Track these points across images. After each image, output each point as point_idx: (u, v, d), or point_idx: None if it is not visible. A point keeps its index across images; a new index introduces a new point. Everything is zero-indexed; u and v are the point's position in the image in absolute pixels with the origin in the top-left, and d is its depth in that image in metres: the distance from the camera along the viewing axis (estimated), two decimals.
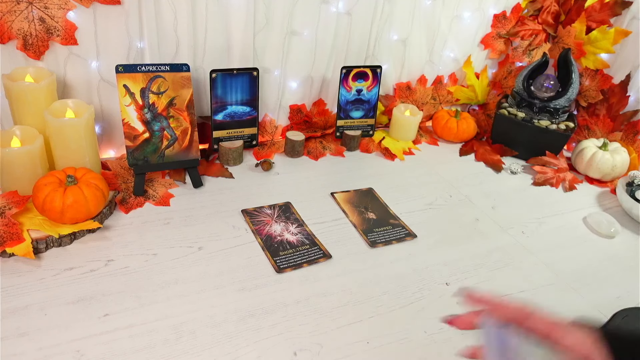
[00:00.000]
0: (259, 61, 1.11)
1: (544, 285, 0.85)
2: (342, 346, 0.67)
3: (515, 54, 1.39)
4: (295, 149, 1.14)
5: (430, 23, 1.28)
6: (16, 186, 0.82)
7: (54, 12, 0.86)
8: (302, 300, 0.74)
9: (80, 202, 0.78)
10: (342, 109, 1.22)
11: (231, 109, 1.08)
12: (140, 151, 0.93)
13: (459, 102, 1.44)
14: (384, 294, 0.78)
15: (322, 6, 1.11)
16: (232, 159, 1.08)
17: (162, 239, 0.83)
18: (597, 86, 1.32)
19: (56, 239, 0.77)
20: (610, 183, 1.21)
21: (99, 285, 0.72)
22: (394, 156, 1.22)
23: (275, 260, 0.81)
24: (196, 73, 1.05)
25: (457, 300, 0.78)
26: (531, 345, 0.43)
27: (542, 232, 1.00)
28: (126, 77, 0.90)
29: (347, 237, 0.90)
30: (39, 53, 0.88)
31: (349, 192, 1.04)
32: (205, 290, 0.74)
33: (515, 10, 1.36)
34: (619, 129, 1.29)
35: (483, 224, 1.00)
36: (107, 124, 1.02)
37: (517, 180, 1.20)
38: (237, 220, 0.91)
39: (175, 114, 0.95)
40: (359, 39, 1.21)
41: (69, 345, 0.62)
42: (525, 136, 1.26)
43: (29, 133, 0.84)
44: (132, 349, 0.63)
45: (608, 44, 1.29)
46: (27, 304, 0.67)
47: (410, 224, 0.96)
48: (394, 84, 1.34)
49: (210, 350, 0.64)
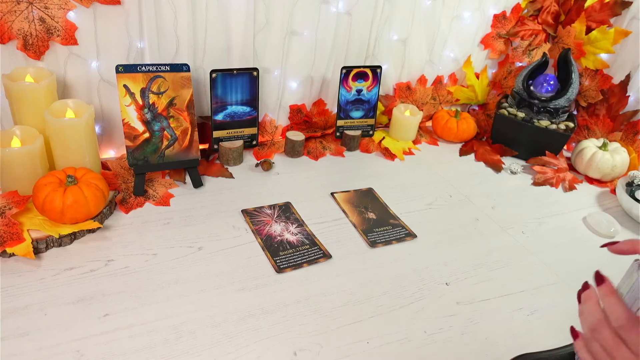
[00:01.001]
0: (259, 61, 1.11)
1: (544, 285, 0.85)
2: (342, 346, 0.67)
3: (515, 54, 1.39)
4: (295, 149, 1.14)
5: (430, 23, 1.28)
6: (16, 186, 0.82)
7: (54, 12, 0.86)
8: (302, 300, 0.74)
9: (80, 202, 0.78)
10: (342, 109, 1.22)
11: (231, 109, 1.08)
12: (140, 151, 0.93)
13: (459, 102, 1.44)
14: (384, 294, 0.78)
15: (322, 6, 1.11)
16: (232, 159, 1.08)
17: (162, 239, 0.83)
18: (597, 86, 1.32)
19: (56, 239, 0.77)
20: (610, 183, 1.21)
21: (99, 285, 0.72)
22: (394, 156, 1.22)
23: (275, 260, 0.81)
24: (196, 73, 1.05)
25: (457, 300, 0.79)
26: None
27: (542, 232, 1.00)
28: (126, 77, 0.90)
29: (347, 237, 0.90)
30: (39, 53, 0.88)
31: (349, 192, 1.04)
32: (205, 290, 0.74)
33: (515, 10, 1.36)
34: (618, 129, 1.29)
35: (483, 224, 1.00)
36: (107, 124, 1.02)
37: (517, 180, 1.20)
38: (237, 220, 0.91)
39: (175, 114, 0.95)
40: (359, 39, 1.21)
41: (69, 345, 0.62)
42: (525, 136, 1.26)
43: (29, 133, 0.84)
44: (132, 349, 0.63)
45: (608, 44, 1.29)
46: (27, 304, 0.67)
47: (410, 224, 0.96)
48: (394, 84, 1.34)
49: (210, 350, 0.64)
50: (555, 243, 0.97)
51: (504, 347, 0.71)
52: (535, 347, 0.70)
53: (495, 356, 0.69)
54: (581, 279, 0.71)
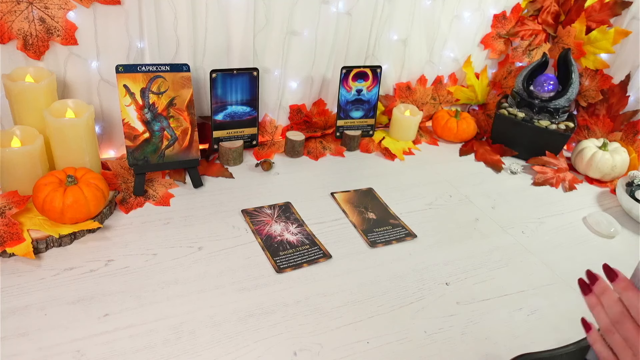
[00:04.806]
0: (259, 61, 1.11)
1: (544, 285, 0.85)
2: (342, 346, 0.67)
3: (515, 54, 1.39)
4: (295, 149, 1.14)
5: (430, 23, 1.28)
6: (16, 186, 0.82)
7: (54, 12, 0.86)
8: (302, 300, 0.74)
9: (80, 202, 0.78)
10: (342, 109, 1.22)
11: (231, 109, 1.08)
12: (140, 151, 0.93)
13: (459, 102, 1.44)
14: (384, 294, 0.78)
15: (322, 6, 1.11)
16: (232, 159, 1.08)
17: (162, 239, 0.83)
18: (597, 86, 1.32)
19: (56, 239, 0.77)
20: (610, 183, 1.21)
21: (99, 285, 0.72)
22: (394, 156, 1.22)
23: (275, 260, 0.81)
24: (196, 73, 1.05)
25: (457, 300, 0.79)
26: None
27: (542, 232, 1.00)
28: (126, 77, 0.90)
29: (347, 237, 0.90)
30: (39, 53, 0.88)
31: (349, 192, 1.04)
32: (205, 290, 0.74)
33: (515, 10, 1.36)
34: (618, 129, 1.29)
35: (483, 224, 1.00)
36: (107, 124, 1.02)
37: (517, 180, 1.20)
38: (237, 220, 0.91)
39: (175, 114, 0.95)
40: (359, 39, 1.21)
41: (69, 345, 0.62)
42: (525, 136, 1.26)
43: (29, 133, 0.84)
44: (132, 349, 0.63)
45: (608, 44, 1.29)
46: (27, 304, 0.67)
47: (410, 224, 0.96)
48: (394, 84, 1.34)
49: (210, 350, 0.64)
50: (555, 243, 0.97)
51: (504, 347, 0.71)
52: (535, 347, 0.70)
53: (495, 356, 0.69)
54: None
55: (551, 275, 0.87)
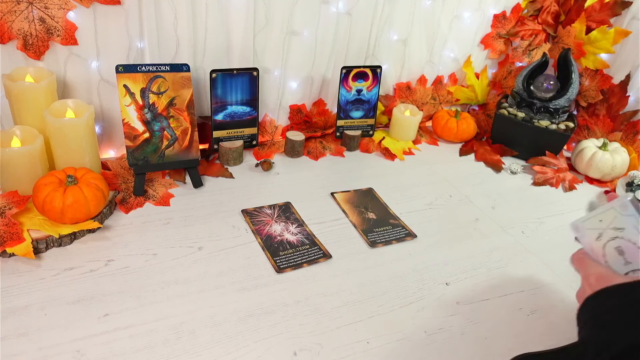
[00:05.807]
0: (259, 61, 1.11)
1: (544, 285, 0.85)
2: (342, 346, 0.67)
3: (515, 54, 1.39)
4: (295, 149, 1.14)
5: (430, 23, 1.28)
6: (16, 186, 0.82)
7: (54, 12, 0.86)
8: (302, 300, 0.74)
9: (80, 202, 0.78)
10: (342, 109, 1.22)
11: (231, 109, 1.08)
12: (140, 151, 0.93)
13: (459, 102, 1.44)
14: (384, 294, 0.78)
15: (322, 6, 1.11)
16: (232, 159, 1.08)
17: (162, 239, 0.83)
18: (597, 86, 1.32)
19: (56, 239, 0.77)
20: (610, 183, 1.21)
21: (99, 285, 0.72)
22: (394, 156, 1.22)
23: (275, 260, 0.81)
24: (196, 73, 1.05)
25: (457, 300, 0.79)
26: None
27: (542, 232, 1.00)
28: (126, 77, 0.90)
29: (347, 237, 0.90)
30: (39, 53, 0.88)
31: (349, 192, 1.04)
32: (205, 290, 0.74)
33: (515, 10, 1.36)
34: (618, 129, 1.29)
35: (483, 224, 1.00)
36: (107, 124, 1.02)
37: (517, 180, 1.20)
38: (237, 220, 0.91)
39: (175, 114, 0.95)
40: (359, 39, 1.21)
41: (69, 345, 0.62)
42: (525, 136, 1.26)
43: (29, 133, 0.84)
44: (132, 349, 0.63)
45: (608, 44, 1.29)
46: (27, 304, 0.67)
47: (410, 224, 0.96)
48: (394, 84, 1.34)
49: (210, 350, 0.64)
50: (555, 243, 0.97)
51: (504, 347, 0.71)
52: (535, 347, 0.70)
53: (495, 356, 0.69)
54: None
55: (551, 275, 0.87)
